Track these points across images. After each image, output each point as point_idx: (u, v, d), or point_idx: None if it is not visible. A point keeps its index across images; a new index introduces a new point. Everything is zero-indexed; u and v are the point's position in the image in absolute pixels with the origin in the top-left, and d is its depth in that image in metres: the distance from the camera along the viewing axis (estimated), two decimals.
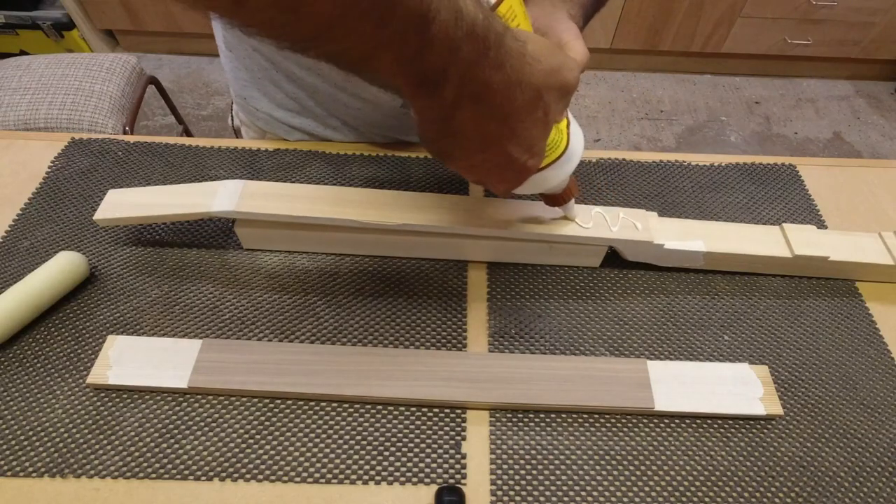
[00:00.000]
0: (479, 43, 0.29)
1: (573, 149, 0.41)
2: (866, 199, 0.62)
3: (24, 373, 0.45)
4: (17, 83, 1.10)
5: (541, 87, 0.33)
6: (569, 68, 0.34)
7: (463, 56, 0.29)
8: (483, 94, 0.31)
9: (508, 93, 0.32)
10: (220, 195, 0.49)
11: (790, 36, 1.98)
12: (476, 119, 0.32)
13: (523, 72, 0.32)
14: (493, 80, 0.31)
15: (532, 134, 0.35)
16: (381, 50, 0.28)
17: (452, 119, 0.32)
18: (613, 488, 0.41)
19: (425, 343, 0.48)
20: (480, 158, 0.35)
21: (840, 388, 0.47)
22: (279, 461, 0.41)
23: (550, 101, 0.34)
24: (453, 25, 0.28)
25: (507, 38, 0.31)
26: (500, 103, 0.32)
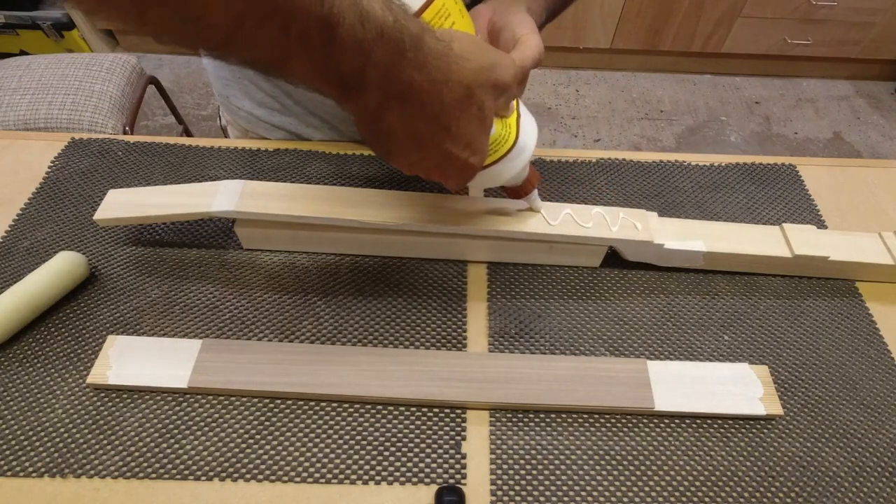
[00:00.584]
0: (393, 45, 0.30)
1: (523, 142, 0.41)
2: (866, 199, 0.62)
3: (24, 373, 0.45)
4: (17, 83, 1.10)
5: (471, 85, 0.33)
6: (502, 66, 0.35)
7: (378, 58, 0.30)
8: (408, 94, 0.32)
9: (434, 92, 0.32)
10: (220, 195, 0.49)
11: (790, 36, 1.98)
12: (405, 119, 0.33)
13: (449, 71, 0.32)
14: (417, 81, 0.31)
15: (468, 131, 0.35)
16: (292, 55, 0.29)
17: (382, 120, 0.33)
18: (613, 488, 0.41)
19: (425, 343, 0.48)
20: (418, 157, 0.36)
21: (840, 388, 0.47)
22: (279, 461, 0.41)
23: (485, 98, 0.35)
24: (360, 29, 0.29)
25: (426, 38, 0.31)
26: (428, 102, 0.33)
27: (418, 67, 0.31)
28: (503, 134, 0.40)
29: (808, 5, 1.88)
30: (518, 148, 0.41)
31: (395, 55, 0.30)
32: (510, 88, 0.37)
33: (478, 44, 0.35)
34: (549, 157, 0.64)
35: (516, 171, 0.42)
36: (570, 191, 0.60)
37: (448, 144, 0.35)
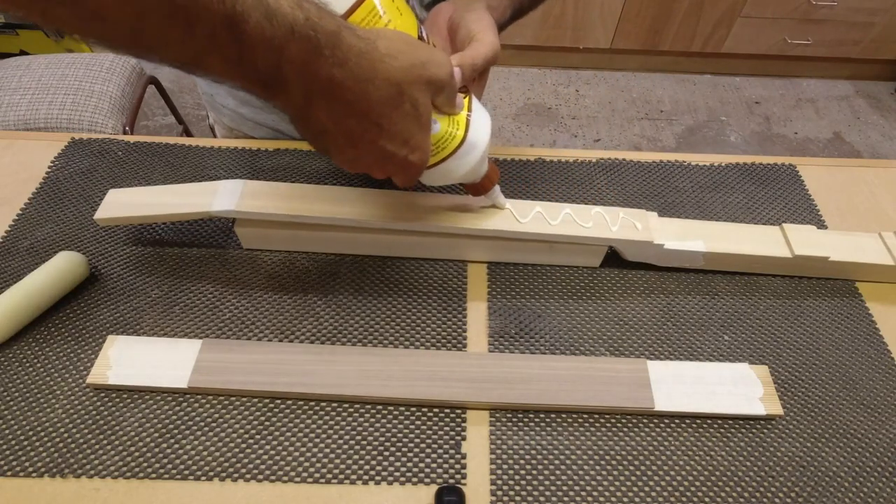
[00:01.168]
0: (306, 42, 0.30)
1: (473, 139, 0.41)
2: (866, 199, 0.62)
3: (24, 373, 0.45)
4: (17, 83, 1.10)
5: (401, 82, 0.34)
6: (435, 63, 0.35)
7: (292, 55, 0.30)
8: (332, 91, 0.32)
9: (360, 89, 0.33)
10: (220, 195, 0.49)
11: (790, 36, 1.98)
12: (335, 116, 0.34)
13: (375, 69, 0.33)
14: (338, 78, 0.32)
15: (403, 129, 0.36)
16: (205, 53, 0.30)
17: (312, 117, 0.34)
18: (613, 488, 0.41)
19: (425, 343, 0.48)
20: (354, 154, 0.37)
21: (840, 388, 0.47)
22: (279, 461, 0.41)
23: (418, 95, 0.35)
24: (269, 26, 0.29)
25: (345, 36, 0.31)
26: (354, 100, 0.33)
27: (339, 65, 0.31)
28: (450, 131, 0.40)
29: (808, 5, 1.88)
30: (468, 145, 0.41)
31: (309, 52, 0.31)
32: (448, 85, 0.37)
33: (408, 42, 0.35)
34: (549, 157, 0.64)
35: (468, 167, 0.42)
36: (570, 191, 0.60)
37: (383, 141, 0.36)
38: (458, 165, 0.42)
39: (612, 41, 2.03)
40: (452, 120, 0.40)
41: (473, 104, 0.43)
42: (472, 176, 0.45)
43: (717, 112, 2.04)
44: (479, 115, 0.42)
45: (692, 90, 2.12)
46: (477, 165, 0.43)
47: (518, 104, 2.04)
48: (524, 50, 2.11)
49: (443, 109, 0.39)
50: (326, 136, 0.35)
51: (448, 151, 0.41)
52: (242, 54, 0.30)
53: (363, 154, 0.37)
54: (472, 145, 0.41)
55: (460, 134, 0.41)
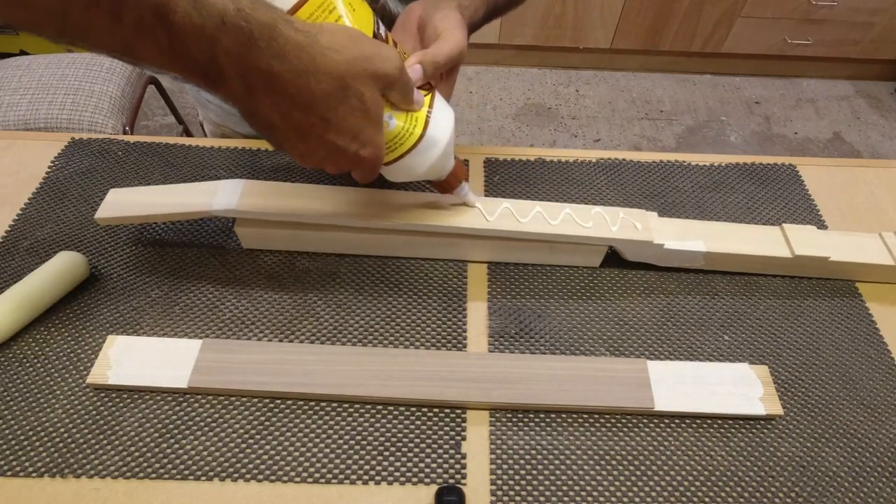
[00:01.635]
0: (238, 33, 0.30)
1: (433, 136, 0.41)
2: (866, 199, 0.62)
3: (24, 373, 0.45)
4: (17, 83, 1.10)
5: (344, 76, 0.34)
6: (382, 58, 0.35)
7: (226, 46, 0.30)
8: (272, 84, 0.33)
9: (301, 82, 0.33)
10: (221, 194, 0.49)
11: (790, 36, 1.98)
12: (278, 109, 0.34)
13: (315, 61, 0.33)
14: (278, 70, 0.32)
15: (351, 123, 0.36)
16: (134, 42, 0.30)
17: (257, 109, 0.34)
18: (613, 488, 0.41)
19: (425, 343, 0.48)
20: (305, 147, 0.37)
21: (840, 388, 0.47)
22: (279, 461, 0.41)
23: (363, 90, 0.35)
24: (197, 16, 0.29)
25: (282, 29, 0.32)
26: (296, 93, 0.33)
27: (276, 57, 0.32)
28: (407, 127, 0.40)
29: (808, 5, 1.88)
30: (427, 141, 0.41)
31: (243, 44, 0.31)
32: (398, 81, 0.37)
33: (353, 36, 0.35)
34: (549, 157, 0.64)
35: (429, 164, 0.42)
36: (570, 191, 0.60)
37: (331, 136, 0.36)
38: (417, 162, 0.42)
39: (612, 41, 2.03)
40: (411, 116, 0.40)
41: (436, 102, 0.42)
42: (437, 173, 0.45)
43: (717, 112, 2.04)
44: (441, 112, 0.42)
45: (692, 90, 2.12)
46: (438, 162, 0.43)
47: (518, 104, 2.04)
48: (524, 50, 2.11)
49: (400, 106, 0.40)
50: (275, 130, 0.36)
51: (406, 147, 0.41)
52: (173, 43, 0.30)
53: (314, 148, 0.37)
54: (431, 142, 0.41)
55: (419, 131, 0.41)
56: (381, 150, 0.38)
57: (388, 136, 0.40)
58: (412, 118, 0.41)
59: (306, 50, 0.32)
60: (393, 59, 0.36)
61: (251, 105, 0.34)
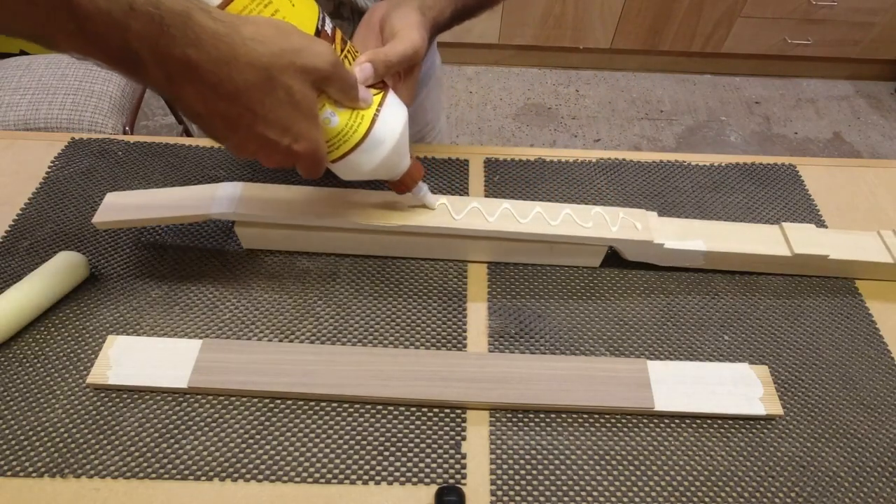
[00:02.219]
0: (148, 19, 0.30)
1: (380, 135, 0.41)
2: (866, 199, 0.62)
3: (24, 373, 0.45)
4: (17, 83, 1.10)
5: (268, 67, 0.34)
6: (313, 52, 0.35)
7: (138, 32, 0.30)
8: (191, 72, 0.32)
9: (220, 72, 0.33)
10: (219, 197, 0.49)
11: (790, 36, 1.98)
12: (202, 98, 0.34)
13: (235, 52, 0.33)
14: (195, 59, 0.32)
15: (280, 116, 0.36)
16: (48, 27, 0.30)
17: (182, 99, 0.34)
18: (613, 488, 0.41)
19: (425, 343, 0.48)
20: (237, 139, 0.37)
21: (840, 388, 0.47)
22: (279, 461, 0.41)
23: (291, 83, 0.35)
24: (103, 2, 0.29)
25: (196, 17, 0.32)
26: (217, 83, 0.33)
27: (192, 45, 0.32)
28: (351, 124, 0.40)
29: (808, 5, 1.88)
30: (373, 140, 0.41)
31: (155, 30, 0.31)
32: (332, 77, 0.37)
33: (282, 29, 0.35)
34: (549, 157, 0.64)
35: (376, 163, 0.42)
36: (570, 191, 0.60)
37: (261, 128, 0.36)
38: (364, 160, 0.42)
39: (612, 41, 2.03)
40: (356, 114, 0.40)
41: (388, 101, 0.42)
42: (388, 173, 0.44)
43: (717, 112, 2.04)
44: (392, 111, 0.42)
45: (692, 90, 2.12)
46: (387, 162, 0.42)
47: (518, 104, 2.04)
48: (524, 50, 2.11)
49: (343, 103, 0.40)
50: (203, 120, 0.36)
51: (351, 145, 0.41)
52: (83, 28, 0.30)
53: (246, 140, 0.37)
54: (377, 141, 0.41)
55: (363, 129, 0.40)
56: (316, 146, 0.38)
57: (331, 132, 0.40)
58: (357, 116, 0.40)
59: (225, 40, 0.32)
60: (324, 54, 0.36)
61: (174, 93, 0.34)
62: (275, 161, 0.39)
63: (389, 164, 0.43)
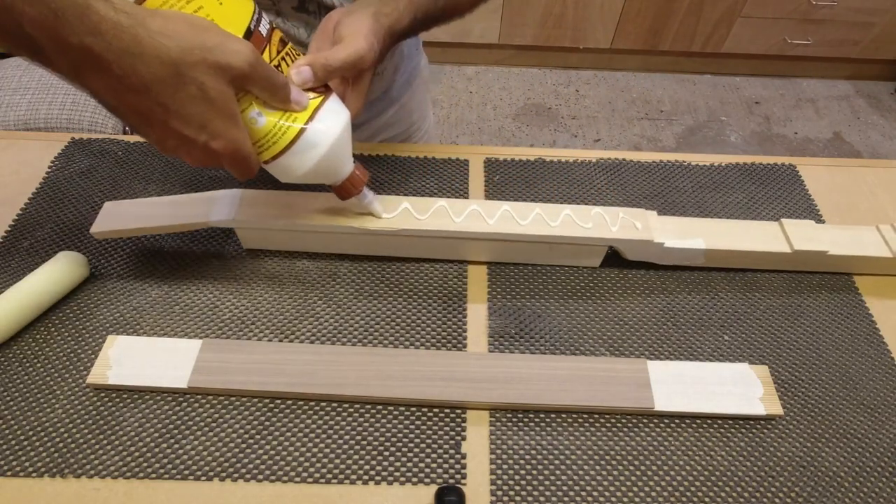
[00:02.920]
0: (42, 6, 0.30)
1: (312, 138, 0.41)
2: (866, 199, 0.62)
3: (24, 373, 0.45)
4: (17, 83, 1.10)
5: (177, 62, 0.34)
6: (229, 51, 0.35)
7: (32, 18, 0.30)
8: (95, 63, 0.32)
9: (125, 64, 0.33)
10: (218, 205, 0.49)
11: (790, 36, 1.98)
12: (111, 90, 0.34)
13: (140, 44, 0.33)
14: (96, 49, 0.32)
15: (193, 112, 0.35)
16: None
17: (92, 90, 0.34)
18: (613, 488, 0.41)
19: (425, 343, 0.48)
20: (156, 135, 0.37)
21: (840, 388, 0.47)
22: (279, 461, 0.41)
23: (204, 79, 0.35)
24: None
25: (95, 6, 0.31)
26: (123, 75, 0.33)
27: (91, 34, 0.31)
28: (280, 126, 0.40)
29: (808, 5, 1.88)
30: (304, 143, 0.40)
31: (49, 17, 0.31)
32: (251, 76, 0.36)
33: (197, 25, 0.35)
34: (549, 157, 0.64)
35: (310, 166, 0.42)
36: (570, 191, 0.60)
37: (175, 124, 0.36)
38: (295, 163, 0.41)
39: (612, 41, 2.03)
40: (289, 115, 0.40)
41: (328, 105, 0.42)
42: (327, 177, 0.44)
43: (717, 112, 2.04)
44: (329, 116, 0.42)
45: (692, 90, 2.12)
46: (322, 166, 0.42)
47: (518, 104, 2.04)
48: (524, 50, 2.11)
49: (271, 104, 0.39)
50: (118, 114, 0.36)
51: (280, 147, 0.40)
52: None
53: (163, 136, 0.37)
54: (309, 144, 0.41)
55: (293, 131, 0.40)
56: (235, 145, 0.38)
57: (259, 133, 0.40)
58: (290, 118, 0.40)
59: (128, 31, 0.32)
60: (241, 52, 0.35)
61: (82, 83, 0.34)
62: (196, 159, 0.39)
63: (326, 169, 0.43)
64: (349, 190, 0.46)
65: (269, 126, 0.39)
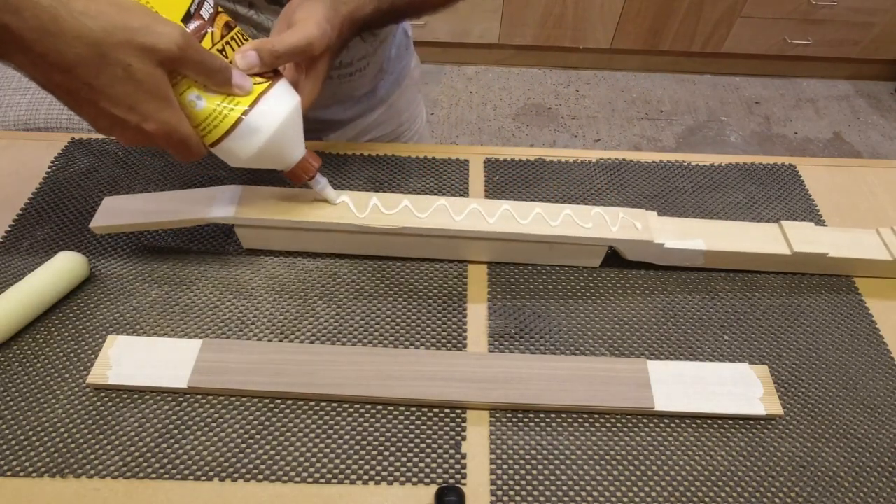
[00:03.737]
0: None
1: (254, 122, 0.40)
2: (866, 199, 0.62)
3: (24, 373, 0.45)
4: (17, 83, 1.10)
5: (100, 43, 0.34)
6: (155, 32, 0.35)
7: None
8: (18, 41, 0.33)
9: (46, 42, 0.33)
10: (218, 202, 0.49)
11: (790, 36, 1.98)
12: (37, 69, 0.34)
13: (60, 24, 0.33)
14: (16, 27, 0.32)
15: (120, 93, 0.36)
16: None
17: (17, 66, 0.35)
18: (613, 488, 0.41)
19: (425, 343, 0.48)
20: (88, 115, 0.37)
21: (840, 388, 0.47)
22: (279, 461, 0.41)
23: (130, 60, 0.35)
24: None
25: None
26: (45, 53, 0.33)
27: (10, 12, 0.32)
28: (220, 110, 0.40)
29: (808, 5, 1.88)
30: (246, 127, 0.40)
31: None
32: (181, 59, 0.36)
33: (122, 7, 0.34)
34: (549, 157, 0.64)
35: (253, 151, 0.41)
36: (570, 191, 0.60)
37: (104, 104, 0.36)
38: (238, 147, 0.41)
39: (612, 41, 2.03)
40: (230, 99, 0.40)
41: (275, 90, 0.41)
42: (275, 162, 0.44)
43: (717, 112, 2.04)
44: (276, 101, 0.41)
45: (692, 90, 2.12)
46: (268, 151, 0.42)
47: (518, 104, 2.04)
48: (524, 50, 2.11)
49: (210, 88, 0.39)
50: (50, 92, 0.36)
51: (222, 131, 0.40)
52: None
53: (95, 115, 0.37)
54: (251, 129, 0.41)
55: (235, 115, 0.40)
56: (170, 128, 0.38)
57: (199, 116, 0.40)
58: (232, 102, 0.40)
59: (48, 11, 0.32)
60: (168, 34, 0.35)
61: (9, 61, 0.34)
62: (131, 139, 0.39)
63: (273, 154, 0.43)
64: (299, 176, 0.46)
65: (208, 110, 0.39)
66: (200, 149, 0.41)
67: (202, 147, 0.41)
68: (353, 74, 0.66)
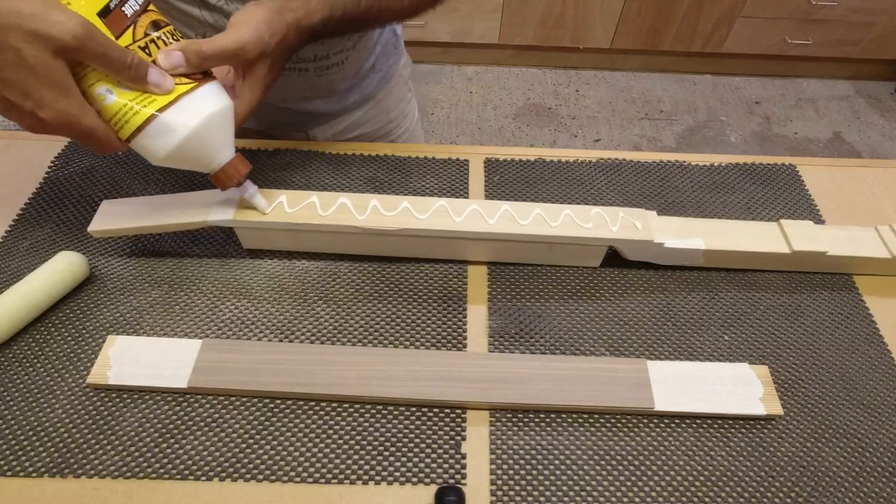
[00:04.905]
0: None
1: (169, 121, 0.40)
2: (866, 199, 0.62)
3: (24, 373, 0.45)
4: None
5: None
6: (48, 21, 0.34)
7: None
8: None
9: None
10: (217, 205, 0.49)
11: (790, 36, 1.98)
12: None
13: None
14: None
15: (10, 77, 0.35)
16: None
17: None
18: (613, 488, 0.41)
19: (425, 343, 0.48)
20: None
21: (840, 388, 0.47)
22: (279, 461, 0.41)
23: (22, 47, 0.34)
24: None
25: None
26: None
27: None
28: (132, 106, 0.39)
29: (808, 5, 1.88)
30: (159, 125, 0.39)
31: None
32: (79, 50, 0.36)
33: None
34: (549, 157, 0.64)
35: (167, 151, 0.41)
36: (570, 191, 0.60)
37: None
38: (152, 145, 0.40)
39: (612, 41, 2.03)
40: (145, 97, 0.39)
41: (200, 92, 0.41)
42: (194, 164, 0.43)
43: (717, 112, 2.04)
44: (197, 102, 0.40)
45: (692, 90, 2.12)
46: (182, 151, 0.41)
47: (518, 104, 2.04)
48: (524, 50, 2.11)
49: (123, 83, 0.39)
50: None
51: (132, 127, 0.40)
52: None
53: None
54: (165, 127, 0.40)
55: (147, 112, 0.39)
56: (67, 118, 0.37)
57: (110, 111, 0.39)
58: (144, 99, 0.39)
59: None
60: (63, 24, 0.35)
61: None
62: (29, 125, 0.38)
63: (192, 155, 0.42)
64: (223, 181, 0.45)
65: (119, 105, 0.39)
66: (113, 142, 0.40)
67: (115, 141, 0.40)
68: (331, 68, 0.66)
